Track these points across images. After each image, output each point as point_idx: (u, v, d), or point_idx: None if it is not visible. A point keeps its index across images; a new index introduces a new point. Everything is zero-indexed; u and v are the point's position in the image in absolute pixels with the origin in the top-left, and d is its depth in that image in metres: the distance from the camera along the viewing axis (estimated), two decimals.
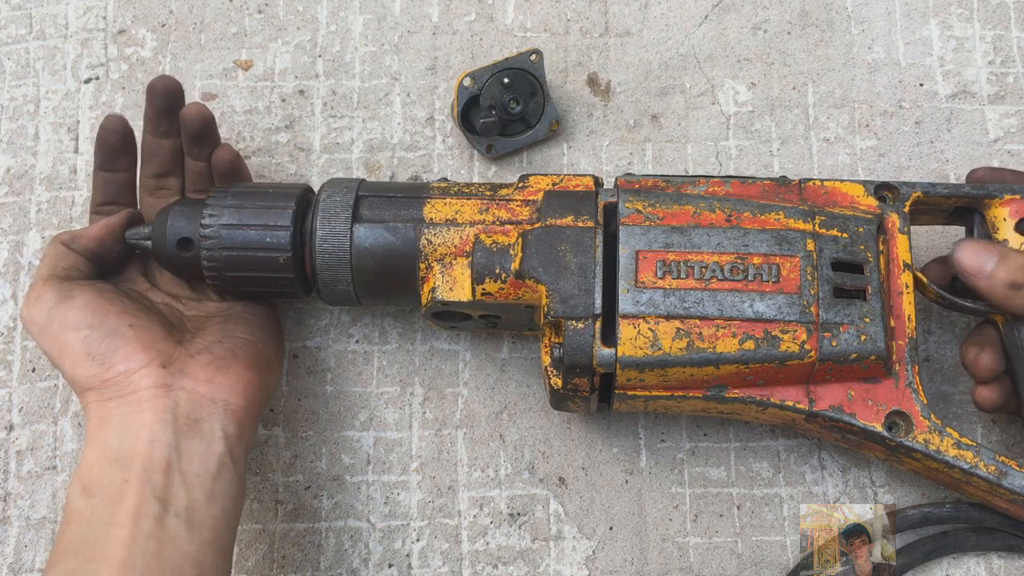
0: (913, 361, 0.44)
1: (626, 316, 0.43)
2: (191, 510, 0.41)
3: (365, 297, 0.48)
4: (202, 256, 0.46)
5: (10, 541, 0.51)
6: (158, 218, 0.48)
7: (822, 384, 0.44)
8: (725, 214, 0.45)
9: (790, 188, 0.47)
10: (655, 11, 0.60)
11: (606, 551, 0.51)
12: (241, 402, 0.45)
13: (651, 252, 0.44)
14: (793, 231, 0.44)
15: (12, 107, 0.58)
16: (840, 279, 0.44)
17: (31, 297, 0.45)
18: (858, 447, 0.47)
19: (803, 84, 0.58)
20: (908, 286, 0.45)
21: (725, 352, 0.43)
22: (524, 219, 0.46)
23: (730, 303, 0.43)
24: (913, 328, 0.45)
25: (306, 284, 0.48)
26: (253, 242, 0.46)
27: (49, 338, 0.44)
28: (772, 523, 0.51)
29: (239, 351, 0.46)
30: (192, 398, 0.43)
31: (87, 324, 0.44)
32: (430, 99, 0.58)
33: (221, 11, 0.59)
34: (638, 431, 0.53)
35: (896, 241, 0.46)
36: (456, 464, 0.53)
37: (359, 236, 0.46)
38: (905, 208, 0.47)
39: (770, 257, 0.44)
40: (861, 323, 0.43)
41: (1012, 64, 0.58)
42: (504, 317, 0.47)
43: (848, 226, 0.45)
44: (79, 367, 0.43)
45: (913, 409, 0.44)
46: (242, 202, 0.47)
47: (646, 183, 0.47)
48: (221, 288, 0.48)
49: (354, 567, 0.51)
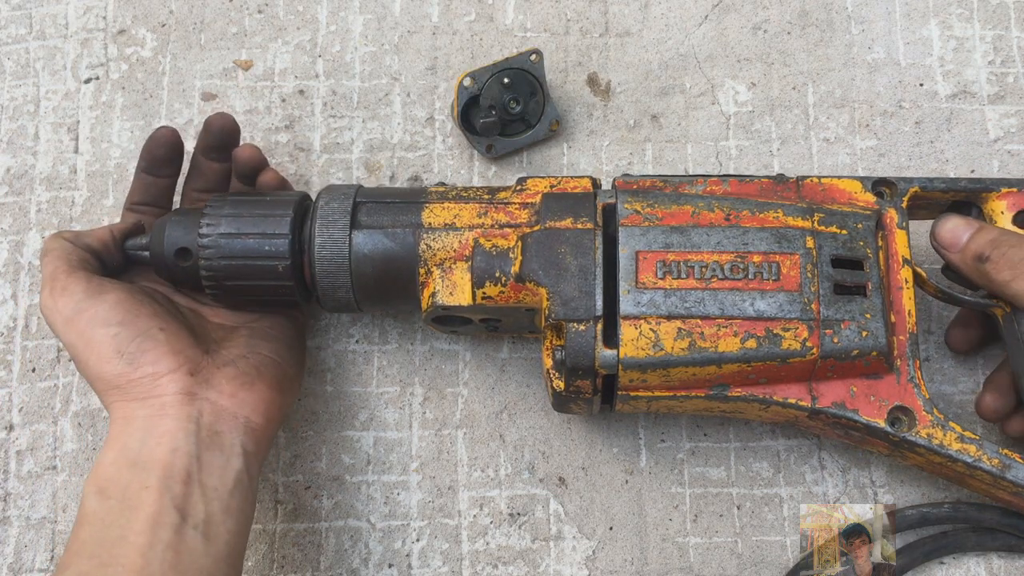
0: (914, 356, 0.44)
1: (627, 317, 0.43)
2: (208, 523, 0.41)
3: (365, 303, 0.48)
4: (200, 266, 0.46)
5: (10, 541, 0.51)
6: (155, 228, 0.47)
7: (824, 381, 0.44)
8: (724, 213, 0.45)
9: (788, 186, 0.47)
10: (655, 11, 0.60)
11: (606, 551, 0.51)
12: (261, 420, 0.45)
13: (651, 252, 0.44)
14: (792, 229, 0.44)
15: (12, 107, 0.58)
16: (840, 276, 0.44)
17: (56, 288, 0.44)
18: (861, 443, 0.47)
19: (803, 84, 0.58)
20: (908, 281, 0.45)
21: (727, 351, 0.43)
22: (523, 222, 0.46)
23: (731, 302, 0.43)
24: (914, 323, 0.45)
25: (305, 292, 0.48)
26: (252, 251, 0.46)
27: (75, 331, 0.43)
28: (772, 523, 0.51)
29: (264, 369, 0.46)
30: (215, 410, 0.43)
31: (118, 321, 0.43)
32: (430, 99, 0.58)
33: (221, 11, 0.59)
34: (638, 431, 0.53)
35: (895, 237, 0.46)
36: (456, 464, 0.53)
37: (358, 243, 0.46)
38: (903, 203, 0.47)
39: (770, 255, 0.44)
40: (862, 319, 0.43)
41: (1012, 64, 0.58)
42: (504, 320, 0.47)
43: (847, 222, 0.45)
44: (106, 364, 0.43)
45: (916, 404, 0.44)
46: (240, 210, 0.47)
47: (644, 183, 0.47)
48: (220, 298, 0.48)
49: (354, 567, 0.51)
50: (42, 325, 0.54)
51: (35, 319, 0.54)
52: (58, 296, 0.44)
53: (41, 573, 0.51)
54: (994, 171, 0.56)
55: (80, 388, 0.53)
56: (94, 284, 0.45)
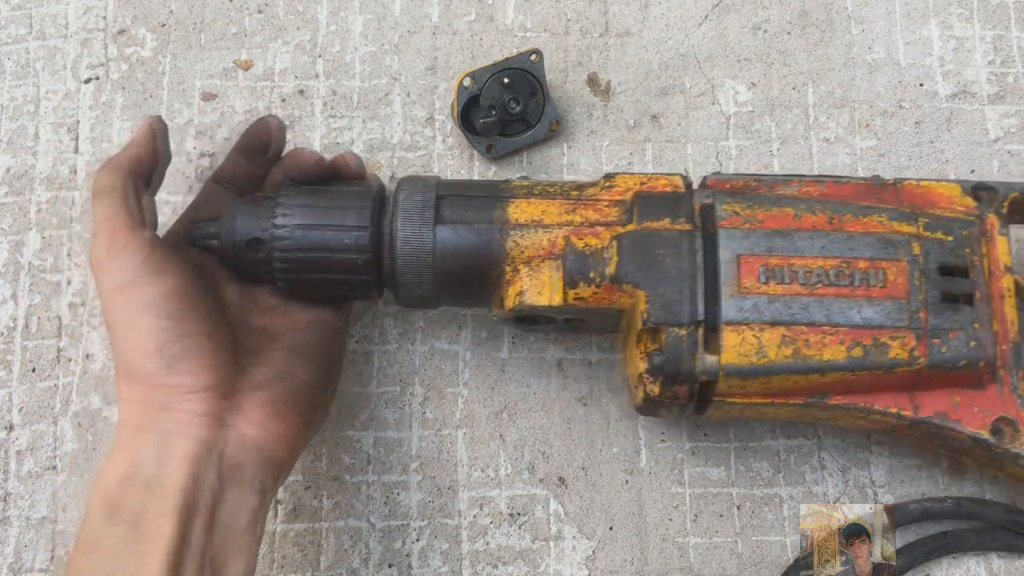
0: (1017, 366, 0.44)
1: (730, 323, 0.42)
2: (216, 566, 0.37)
3: (443, 299, 0.47)
4: (274, 257, 0.44)
5: (10, 541, 0.51)
6: (226, 217, 0.45)
7: (927, 391, 0.43)
8: (826, 216, 0.44)
9: (885, 188, 0.46)
10: (655, 11, 0.60)
11: (606, 551, 0.51)
12: (285, 456, 0.41)
13: (753, 256, 0.43)
14: (898, 234, 0.43)
15: (12, 107, 0.58)
16: (947, 283, 0.43)
17: (115, 244, 0.39)
18: (957, 453, 0.46)
19: (803, 84, 0.58)
20: (1009, 289, 0.44)
21: (833, 360, 0.42)
22: (614, 220, 0.45)
23: (837, 309, 0.42)
24: (1016, 332, 0.44)
25: (380, 286, 0.47)
26: (330, 243, 0.44)
27: (122, 304, 0.39)
28: (772, 523, 0.51)
29: (299, 397, 0.42)
30: (241, 439, 0.40)
31: (169, 314, 0.39)
32: (430, 99, 0.58)
33: (221, 11, 0.59)
34: (638, 431, 0.53)
35: (996, 243, 0.45)
36: (456, 464, 0.53)
37: (442, 238, 0.44)
38: (1004, 209, 0.46)
39: (876, 261, 0.43)
40: (970, 328, 0.42)
41: (1012, 64, 0.58)
42: (589, 321, 0.46)
43: (952, 228, 0.44)
44: (142, 356, 0.39)
45: (1019, 415, 0.43)
46: (316, 201, 0.45)
47: (737, 183, 0.46)
48: (292, 290, 0.46)
49: (354, 567, 0.51)
50: (42, 325, 0.54)
51: (35, 319, 0.54)
52: (116, 255, 0.39)
53: (41, 573, 0.51)
54: (994, 171, 0.56)
55: (80, 388, 0.53)
56: (157, 255, 0.40)
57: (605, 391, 0.54)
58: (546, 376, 0.54)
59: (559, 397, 0.54)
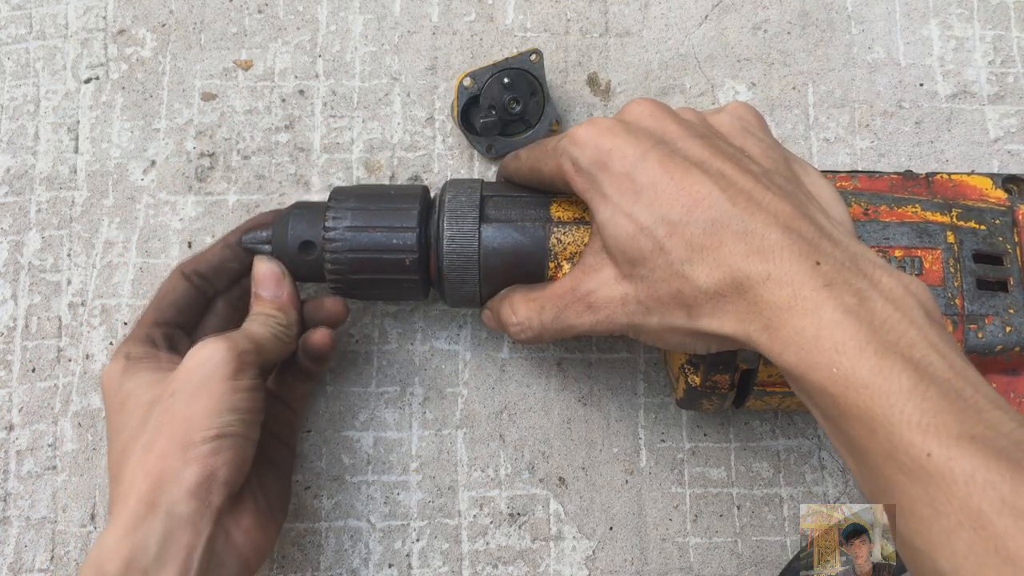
0: None
1: None
2: None
3: (488, 298, 0.48)
4: (326, 259, 0.46)
5: (10, 541, 0.51)
6: (278, 222, 0.47)
7: None
8: (862, 208, 0.45)
9: (918, 182, 0.47)
10: (655, 11, 0.60)
11: (606, 551, 0.51)
12: (258, 562, 0.42)
13: None
14: (932, 224, 0.44)
15: (12, 107, 0.58)
16: (982, 271, 0.44)
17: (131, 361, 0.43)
18: None
19: (803, 84, 0.58)
20: None
21: None
22: None
23: None
24: None
25: (427, 286, 0.48)
26: (379, 244, 0.45)
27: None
28: (772, 523, 0.51)
29: (276, 513, 0.44)
30: (228, 542, 0.41)
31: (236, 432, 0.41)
32: (430, 99, 0.58)
33: (221, 11, 0.59)
34: (638, 431, 0.53)
35: None
36: (456, 464, 0.53)
37: (487, 236, 0.45)
38: None
39: (911, 250, 0.44)
40: (1006, 314, 0.43)
41: (1012, 64, 0.58)
42: None
43: (984, 218, 0.45)
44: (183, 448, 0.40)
45: None
46: (365, 204, 0.46)
47: None
48: (343, 291, 0.48)
49: (354, 567, 0.51)
50: (42, 325, 0.54)
51: (35, 319, 0.54)
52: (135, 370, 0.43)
53: (41, 573, 0.51)
54: (994, 171, 0.56)
55: (80, 388, 0.53)
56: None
57: (605, 391, 0.54)
58: (546, 376, 0.54)
59: (559, 397, 0.54)
